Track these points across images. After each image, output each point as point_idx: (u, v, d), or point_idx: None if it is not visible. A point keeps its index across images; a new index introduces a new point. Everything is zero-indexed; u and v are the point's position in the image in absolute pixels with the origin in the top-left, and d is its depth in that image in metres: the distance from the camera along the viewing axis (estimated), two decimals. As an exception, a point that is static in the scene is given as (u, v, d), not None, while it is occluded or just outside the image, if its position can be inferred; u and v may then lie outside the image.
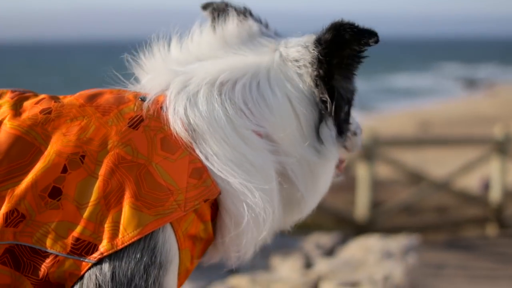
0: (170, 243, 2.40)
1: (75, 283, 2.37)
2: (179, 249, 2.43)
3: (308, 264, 7.59)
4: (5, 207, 2.36)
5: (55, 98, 2.57)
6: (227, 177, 2.50)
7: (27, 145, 2.42)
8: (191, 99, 2.57)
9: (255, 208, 2.53)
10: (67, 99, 2.57)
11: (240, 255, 2.67)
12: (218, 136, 2.52)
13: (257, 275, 6.32)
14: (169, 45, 2.79)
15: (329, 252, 8.53)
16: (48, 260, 2.36)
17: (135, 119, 2.48)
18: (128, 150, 2.40)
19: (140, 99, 2.55)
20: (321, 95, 2.66)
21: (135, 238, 2.33)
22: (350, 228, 12.18)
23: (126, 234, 2.33)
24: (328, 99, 2.65)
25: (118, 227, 2.34)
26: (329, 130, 2.69)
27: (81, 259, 2.34)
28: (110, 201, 2.35)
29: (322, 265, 6.89)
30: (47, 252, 2.35)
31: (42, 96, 2.58)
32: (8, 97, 2.55)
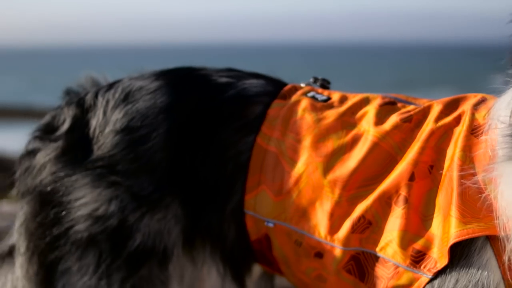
0: (489, 267, 2.22)
1: None
2: (503, 278, 2.22)
3: None
4: (353, 214, 2.40)
5: (415, 104, 2.53)
6: None
7: (384, 153, 2.43)
8: None
9: None
10: (427, 105, 2.51)
11: None
12: None
13: None
14: None
15: None
16: (389, 271, 2.35)
17: (480, 127, 2.34)
18: (461, 156, 2.30)
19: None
20: None
21: (450, 244, 2.22)
22: None
23: (446, 245, 2.24)
24: None
25: (446, 238, 2.25)
26: None
27: (420, 273, 2.29)
28: (445, 213, 2.27)
29: None
30: (389, 262, 2.34)
31: (409, 107, 2.53)
32: (376, 103, 2.56)
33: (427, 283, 2.30)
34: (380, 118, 2.52)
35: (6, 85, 45.74)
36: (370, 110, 2.56)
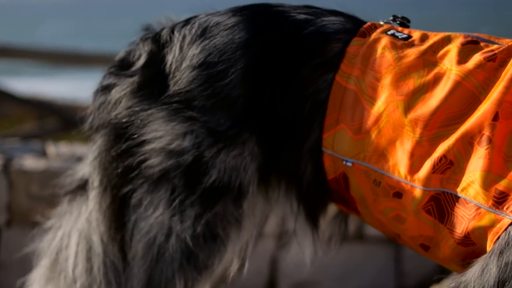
0: None
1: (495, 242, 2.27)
2: None
3: None
4: (435, 154, 2.36)
5: (499, 44, 2.47)
6: None
7: (467, 93, 2.37)
8: None
9: None
10: (511, 44, 2.46)
11: None
12: None
13: None
14: None
15: None
16: (469, 212, 2.30)
17: None
18: None
19: None
20: None
21: None
22: None
23: None
24: None
25: None
26: None
27: (502, 214, 2.24)
28: None
29: None
30: (471, 202, 2.30)
31: (493, 46, 2.47)
32: (458, 42, 2.50)
33: (510, 224, 2.25)
34: (462, 57, 2.45)
35: (54, 30, 45.97)
36: (452, 49, 2.49)
